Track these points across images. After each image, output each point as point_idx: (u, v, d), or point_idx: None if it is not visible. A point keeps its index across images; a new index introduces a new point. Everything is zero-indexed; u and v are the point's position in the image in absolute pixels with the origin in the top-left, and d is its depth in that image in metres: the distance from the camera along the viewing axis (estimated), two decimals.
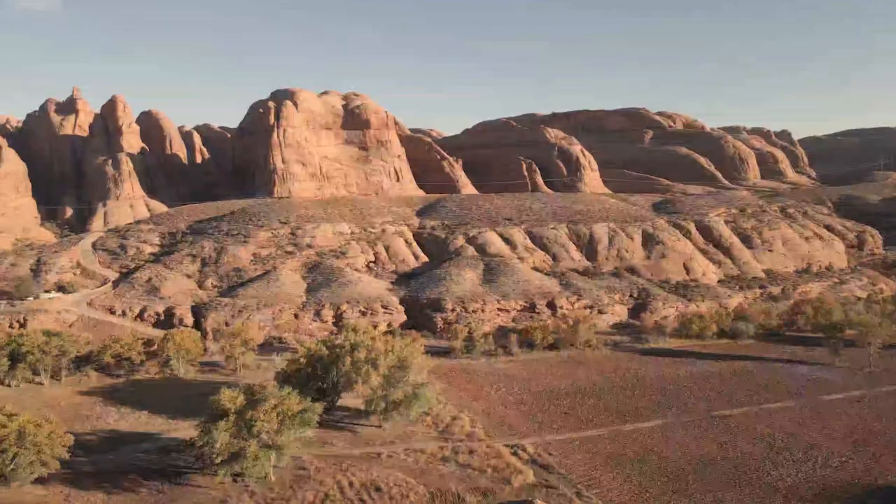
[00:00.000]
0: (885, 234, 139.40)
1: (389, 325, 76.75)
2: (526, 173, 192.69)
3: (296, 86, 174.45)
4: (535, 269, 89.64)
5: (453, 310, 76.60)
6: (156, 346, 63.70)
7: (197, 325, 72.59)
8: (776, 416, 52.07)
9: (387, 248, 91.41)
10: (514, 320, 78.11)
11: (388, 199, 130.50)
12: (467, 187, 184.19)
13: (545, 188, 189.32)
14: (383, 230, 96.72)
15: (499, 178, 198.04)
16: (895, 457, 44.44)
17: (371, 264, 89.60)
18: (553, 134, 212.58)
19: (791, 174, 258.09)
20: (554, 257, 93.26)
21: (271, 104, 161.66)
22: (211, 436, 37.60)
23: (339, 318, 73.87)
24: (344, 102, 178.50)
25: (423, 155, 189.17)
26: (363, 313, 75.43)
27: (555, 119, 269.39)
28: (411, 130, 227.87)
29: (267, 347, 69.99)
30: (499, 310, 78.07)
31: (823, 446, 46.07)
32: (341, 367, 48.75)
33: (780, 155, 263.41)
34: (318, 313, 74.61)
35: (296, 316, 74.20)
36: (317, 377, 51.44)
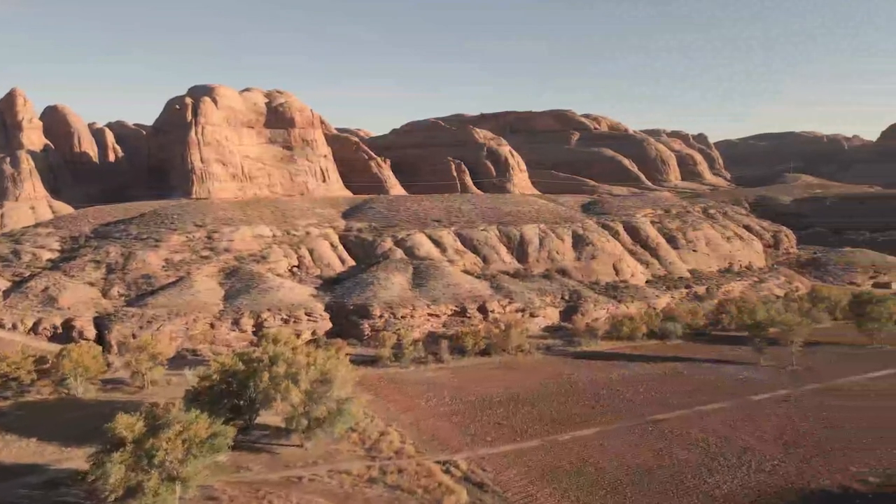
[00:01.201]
0: (797, 234, 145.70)
1: (314, 333, 72.72)
2: (455, 174, 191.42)
3: (216, 82, 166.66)
4: (466, 272, 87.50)
5: (381, 316, 73.34)
6: (50, 364, 57.41)
7: (100, 338, 66.35)
8: (709, 419, 51.61)
9: (311, 252, 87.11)
10: (444, 326, 75.61)
11: (314, 200, 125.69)
12: (396, 188, 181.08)
13: (474, 189, 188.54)
14: (307, 233, 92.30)
15: (428, 178, 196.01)
16: (825, 458, 44.43)
17: (294, 269, 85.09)
18: (482, 134, 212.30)
19: (709, 176, 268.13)
20: (484, 259, 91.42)
21: (188, 100, 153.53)
22: (104, 469, 33.11)
23: (259, 327, 69.28)
24: (267, 100, 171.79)
25: (351, 155, 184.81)
26: (285, 321, 71.10)
27: (483, 120, 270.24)
28: (338, 130, 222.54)
29: (179, 361, 64.63)
30: (429, 315, 75.35)
31: (756, 450, 45.68)
32: (258, 384, 44.78)
33: (698, 157, 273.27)
34: (236, 322, 69.74)
35: (212, 325, 69.07)
36: (231, 394, 47.23)
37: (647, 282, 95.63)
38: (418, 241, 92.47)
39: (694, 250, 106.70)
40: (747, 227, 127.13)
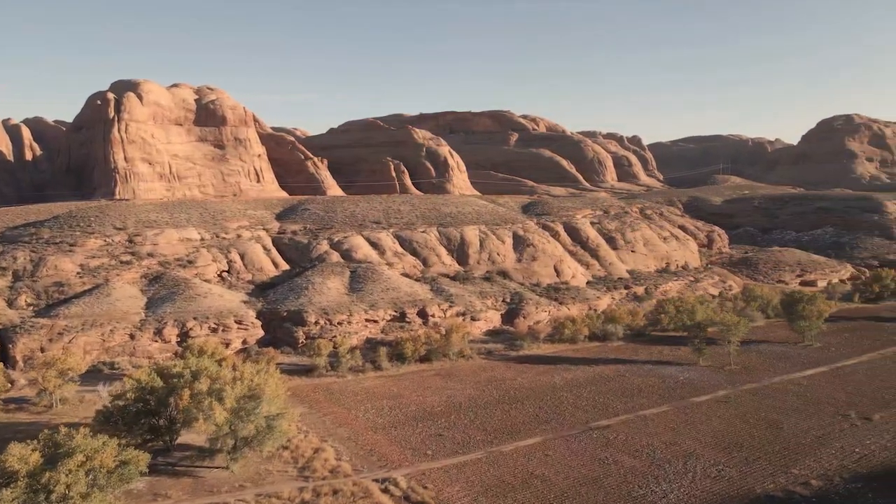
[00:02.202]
0: (728, 233, 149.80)
1: (244, 342, 68.76)
2: (394, 174, 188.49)
3: (141, 77, 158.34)
4: (405, 275, 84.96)
5: (316, 322, 70.01)
6: None
7: (4, 352, 60.62)
8: (652, 424, 50.88)
9: (242, 256, 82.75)
10: (383, 331, 72.90)
11: (247, 201, 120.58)
12: (333, 188, 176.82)
13: (414, 190, 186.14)
14: (238, 235, 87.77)
15: (366, 179, 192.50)
16: (768, 461, 44.20)
17: (224, 274, 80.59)
18: (421, 134, 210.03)
19: (643, 177, 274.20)
20: (424, 262, 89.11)
21: (111, 96, 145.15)
22: None
23: (184, 337, 64.86)
24: (197, 97, 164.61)
25: (286, 155, 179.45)
26: (213, 330, 66.86)
27: (422, 120, 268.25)
28: (273, 129, 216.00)
29: (95, 376, 59.66)
30: (367, 321, 72.48)
31: (700, 454, 45.07)
32: (179, 402, 41.11)
33: (633, 159, 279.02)
34: (159, 332, 65.06)
35: (132, 336, 64.19)
36: (149, 413, 43.36)
37: (587, 283, 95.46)
38: (356, 243, 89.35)
39: (633, 251, 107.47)
40: (682, 228, 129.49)
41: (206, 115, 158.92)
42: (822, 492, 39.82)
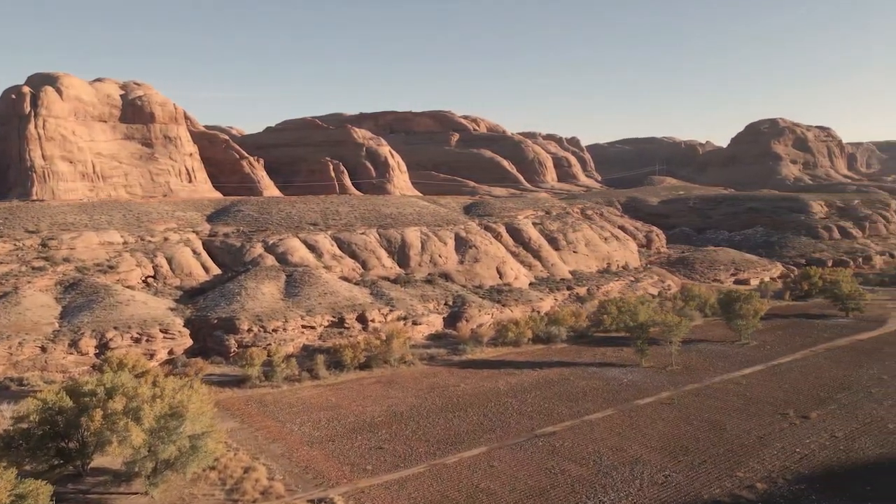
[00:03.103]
0: (665, 233, 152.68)
1: (171, 352, 64.44)
2: (333, 174, 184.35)
3: (60, 70, 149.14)
4: (344, 278, 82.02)
5: (249, 330, 66.35)
6: None
7: None
8: (598, 429, 49.91)
9: (170, 260, 78.02)
10: (321, 338, 69.82)
11: (176, 202, 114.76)
12: (270, 189, 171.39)
13: (354, 190, 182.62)
14: (166, 238, 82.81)
15: (305, 179, 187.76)
16: (713, 464, 43.75)
17: (149, 279, 75.74)
18: (361, 134, 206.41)
19: (583, 178, 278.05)
20: (364, 265, 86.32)
21: (26, 90, 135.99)
22: None
23: (103, 349, 60.19)
24: (122, 92, 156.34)
25: (220, 154, 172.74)
26: (136, 340, 62.34)
27: (362, 119, 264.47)
28: (207, 127, 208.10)
29: (0, 393, 54.54)
30: (303, 327, 69.25)
31: (646, 460, 44.25)
32: (90, 423, 37.26)
33: (572, 159, 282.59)
34: (74, 344, 60.13)
35: (43, 349, 59.06)
36: (57, 436, 39.27)
37: (530, 284, 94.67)
38: (292, 246, 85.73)
39: (574, 251, 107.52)
40: (622, 228, 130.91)
41: (133, 112, 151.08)
42: (768, 495, 39.50)
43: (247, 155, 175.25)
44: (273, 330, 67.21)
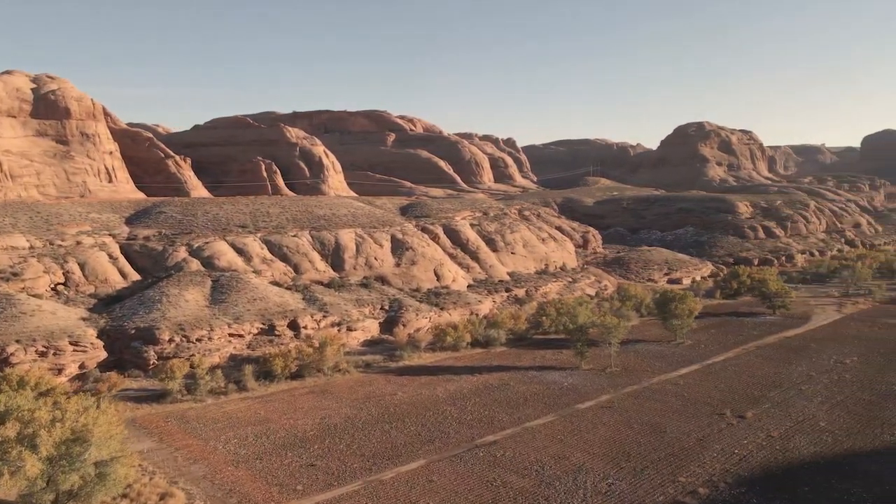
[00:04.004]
0: (601, 233, 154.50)
1: (82, 366, 59.39)
2: (265, 175, 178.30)
3: None
4: (275, 283, 78.25)
5: (171, 340, 61.96)
6: None
7: None
8: (540, 437, 48.53)
9: (82, 266, 72.39)
10: (250, 347, 66.04)
11: (93, 203, 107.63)
12: (198, 190, 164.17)
13: (287, 191, 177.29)
14: (78, 242, 76.89)
15: (236, 179, 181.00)
16: (655, 469, 42.99)
17: (60, 287, 70.00)
18: (294, 133, 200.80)
19: (519, 178, 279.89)
20: (296, 269, 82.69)
21: None
22: None
23: (3, 365, 54.72)
24: (34, 86, 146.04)
25: (144, 153, 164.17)
26: (42, 354, 57.07)
27: (296, 118, 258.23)
28: (130, 125, 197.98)
29: None
30: (230, 335, 65.30)
31: (589, 468, 43.08)
32: None
33: (509, 160, 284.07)
34: None
35: None
36: None
37: (468, 286, 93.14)
38: (218, 249, 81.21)
39: (512, 252, 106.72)
40: (559, 229, 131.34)
41: (46, 107, 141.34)
42: (710, 500, 38.90)
43: (173, 154, 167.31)
44: (197, 339, 63.01)
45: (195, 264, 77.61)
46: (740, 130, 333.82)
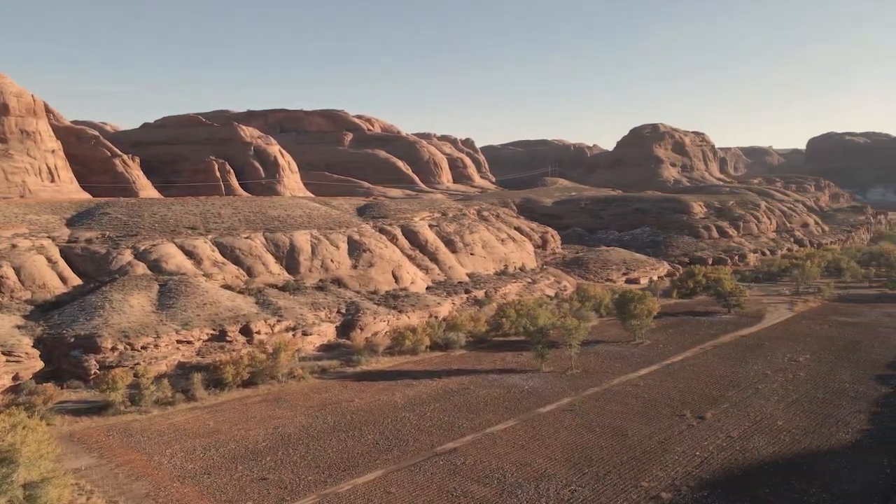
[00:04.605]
0: (559, 234, 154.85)
1: (16, 377, 55.79)
2: (219, 174, 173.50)
3: None
4: (227, 287, 75.43)
5: (114, 348, 58.80)
6: None
7: None
8: (501, 442, 47.41)
9: (18, 270, 68.38)
10: (199, 354, 63.26)
11: (31, 203, 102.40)
12: (147, 190, 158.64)
13: (241, 191, 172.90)
14: (13, 245, 72.67)
15: (188, 179, 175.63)
16: (617, 474, 42.30)
17: None
18: (248, 132, 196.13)
19: (478, 179, 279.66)
20: (249, 272, 79.92)
21: None
22: None
23: None
24: None
25: (89, 151, 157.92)
26: None
27: (251, 117, 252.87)
28: (75, 122, 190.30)
29: None
30: (179, 342, 62.42)
31: (552, 474, 42.12)
32: None
33: (467, 161, 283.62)
34: None
35: None
36: None
37: (427, 288, 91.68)
38: (166, 252, 77.85)
39: (472, 253, 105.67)
40: (518, 229, 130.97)
41: None
42: None
43: (120, 153, 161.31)
44: (142, 347, 59.97)
45: (141, 268, 74.19)
46: (693, 132, 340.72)
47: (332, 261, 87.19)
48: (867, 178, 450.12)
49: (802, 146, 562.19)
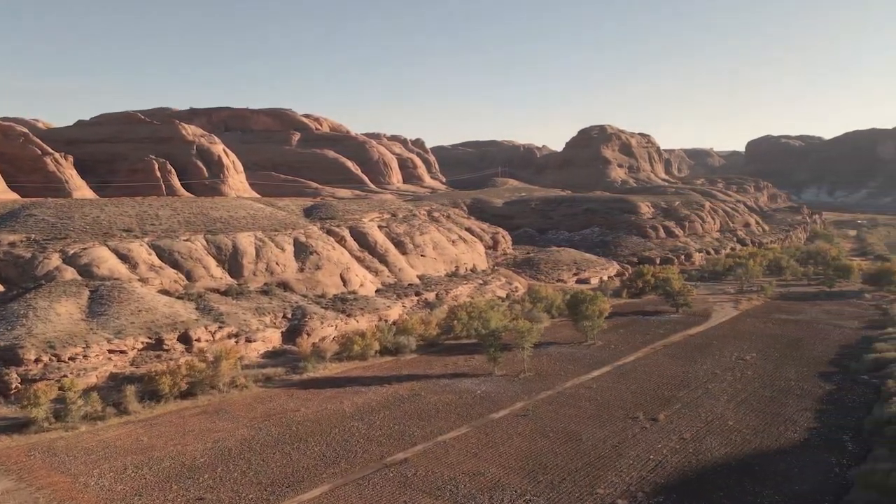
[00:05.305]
0: (510, 234, 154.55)
1: None
2: (159, 174, 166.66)
3: None
4: (165, 292, 71.68)
5: (38, 360, 54.74)
6: None
7: None
8: (453, 451, 45.85)
9: None
10: (133, 364, 59.58)
11: None
12: (82, 190, 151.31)
13: (183, 191, 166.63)
14: None
15: (126, 179, 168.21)
16: (572, 481, 41.28)
17: None
18: (191, 131, 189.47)
19: (428, 179, 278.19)
20: (188, 276, 76.22)
21: None
22: None
23: None
24: None
25: (18, 150, 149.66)
26: None
27: (194, 115, 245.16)
28: (4, 119, 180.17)
29: None
30: (111, 352, 58.64)
31: (506, 484, 40.80)
32: None
33: (417, 161, 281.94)
34: None
35: None
36: None
37: (377, 291, 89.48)
38: (99, 256, 73.44)
39: (422, 255, 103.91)
40: (469, 230, 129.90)
41: None
42: None
43: (51, 151, 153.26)
44: (70, 358, 56.01)
45: (70, 273, 69.69)
46: (639, 134, 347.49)
47: (277, 263, 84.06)
48: (802, 179, 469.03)
49: (742, 148, 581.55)
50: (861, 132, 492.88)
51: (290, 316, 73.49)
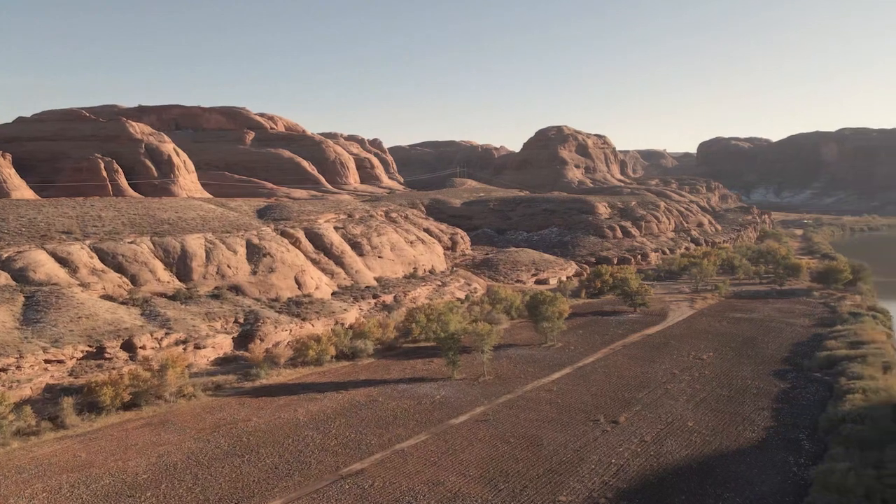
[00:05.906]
0: (469, 235, 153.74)
1: None
2: (105, 174, 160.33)
3: None
4: (108, 297, 68.21)
5: None
6: None
7: None
8: (412, 460, 44.32)
9: None
10: (72, 374, 56.21)
11: None
12: (21, 190, 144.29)
13: (131, 192, 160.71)
14: None
15: (69, 179, 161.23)
16: (534, 488, 40.25)
17: None
18: (139, 129, 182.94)
19: (385, 179, 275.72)
20: (133, 280, 72.76)
21: None
22: None
23: None
24: None
25: None
26: None
27: (143, 113, 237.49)
28: None
29: None
30: (47, 362, 55.20)
31: (466, 494, 39.50)
32: None
33: (375, 161, 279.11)
34: None
35: None
36: None
37: (333, 294, 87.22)
38: (35, 260, 69.41)
39: (380, 256, 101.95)
40: (427, 231, 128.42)
41: None
42: None
43: None
44: (1, 369, 52.43)
45: (3, 278, 65.53)
46: (595, 135, 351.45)
47: (228, 266, 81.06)
48: (750, 180, 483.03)
49: (694, 150, 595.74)
50: (805, 135, 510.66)
51: (242, 321, 70.77)
